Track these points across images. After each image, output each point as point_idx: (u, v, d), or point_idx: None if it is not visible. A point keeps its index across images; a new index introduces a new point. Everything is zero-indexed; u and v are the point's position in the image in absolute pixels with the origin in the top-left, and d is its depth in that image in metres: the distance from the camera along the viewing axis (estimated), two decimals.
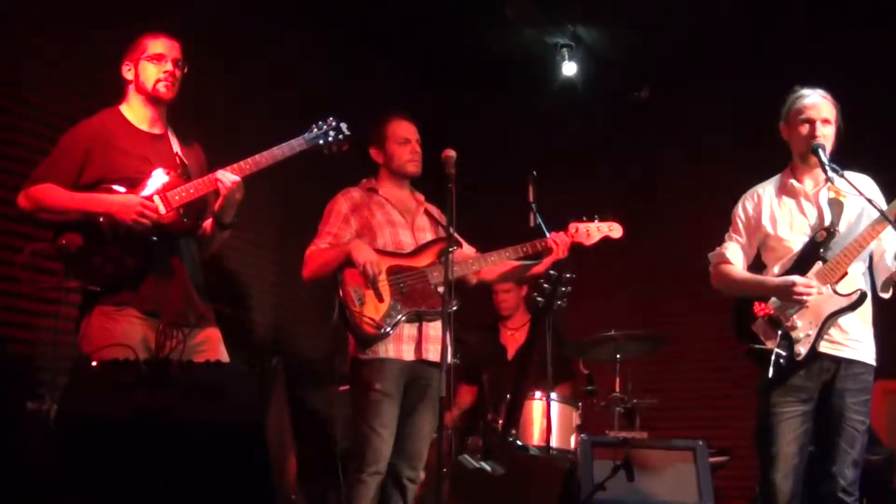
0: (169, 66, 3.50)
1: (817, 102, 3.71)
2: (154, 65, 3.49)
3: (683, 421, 6.09)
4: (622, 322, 5.38)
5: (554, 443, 4.97)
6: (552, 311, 3.46)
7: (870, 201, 3.58)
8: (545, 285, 3.43)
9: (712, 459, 4.82)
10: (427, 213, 4.25)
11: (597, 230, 4.20)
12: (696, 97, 6.64)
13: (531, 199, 4.21)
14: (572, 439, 5.03)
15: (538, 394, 5.06)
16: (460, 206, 3.67)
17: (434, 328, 4.01)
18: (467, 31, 6.23)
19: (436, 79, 6.69)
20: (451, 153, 3.73)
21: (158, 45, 3.51)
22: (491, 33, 6.21)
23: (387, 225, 4.09)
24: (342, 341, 4.04)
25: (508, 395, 4.48)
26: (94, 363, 2.74)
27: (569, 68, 6.40)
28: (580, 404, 5.23)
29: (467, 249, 4.20)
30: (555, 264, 3.52)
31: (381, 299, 3.92)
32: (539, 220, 4.17)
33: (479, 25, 6.15)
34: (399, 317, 3.91)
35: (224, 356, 3.46)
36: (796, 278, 3.60)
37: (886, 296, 3.69)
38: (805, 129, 3.69)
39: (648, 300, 6.71)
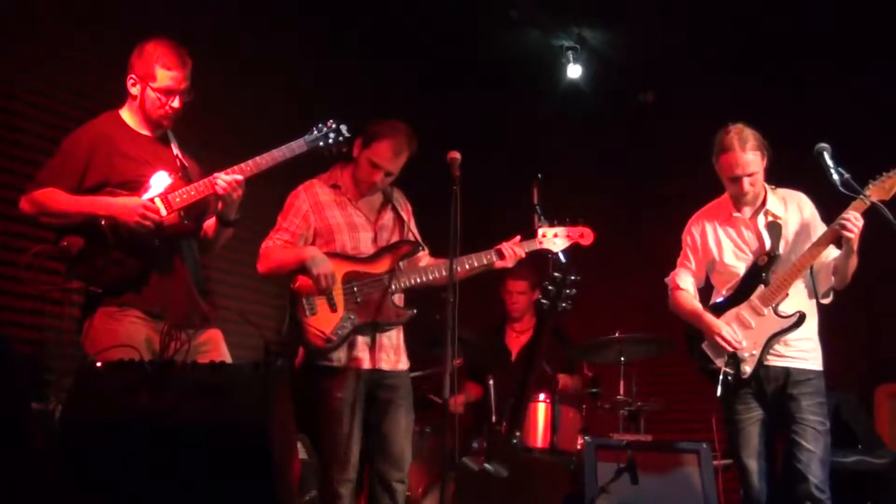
0: (176, 104, 3.47)
1: (740, 161, 3.79)
2: (161, 99, 3.44)
3: (688, 424, 6.07)
4: (627, 325, 5.36)
5: (558, 445, 4.97)
6: (557, 314, 3.44)
7: (872, 202, 3.59)
8: (550, 288, 3.42)
9: (716, 462, 4.82)
10: (393, 208, 4.06)
11: (566, 237, 4.07)
12: (701, 100, 6.62)
13: (536, 202, 4.18)
14: (576, 442, 5.03)
15: (542, 396, 5.05)
16: (463, 207, 3.64)
17: (388, 337, 3.91)
18: (472, 33, 6.22)
19: (439, 80, 6.69)
20: (456, 155, 3.70)
21: (169, 78, 3.43)
22: (496, 35, 6.21)
23: (346, 228, 3.94)
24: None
25: (512, 397, 4.47)
26: (98, 364, 2.75)
27: (574, 71, 6.39)
28: (584, 406, 5.21)
29: (425, 255, 4.09)
30: (559, 266, 3.50)
31: (333, 310, 3.80)
32: (543, 222, 4.14)
33: (484, 27, 6.14)
34: (351, 328, 3.79)
35: (227, 356, 3.46)
36: (722, 330, 3.80)
37: (826, 301, 3.86)
38: (731, 188, 3.88)
39: (653, 303, 6.68)
